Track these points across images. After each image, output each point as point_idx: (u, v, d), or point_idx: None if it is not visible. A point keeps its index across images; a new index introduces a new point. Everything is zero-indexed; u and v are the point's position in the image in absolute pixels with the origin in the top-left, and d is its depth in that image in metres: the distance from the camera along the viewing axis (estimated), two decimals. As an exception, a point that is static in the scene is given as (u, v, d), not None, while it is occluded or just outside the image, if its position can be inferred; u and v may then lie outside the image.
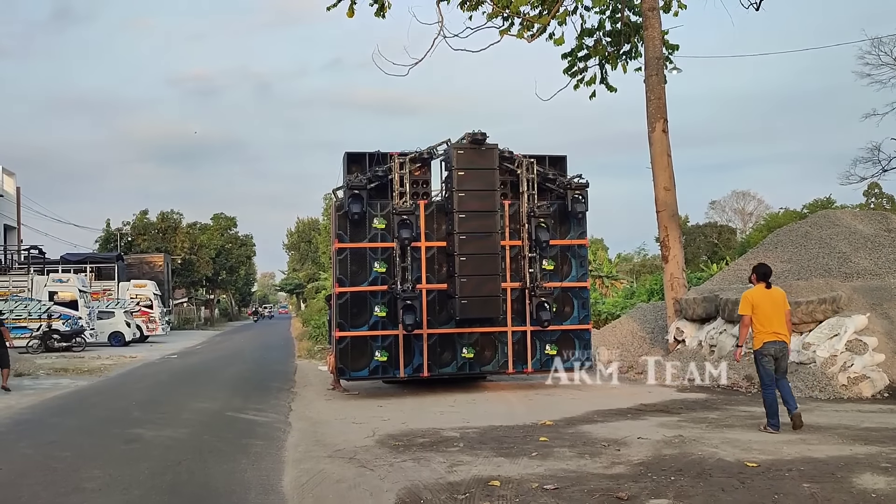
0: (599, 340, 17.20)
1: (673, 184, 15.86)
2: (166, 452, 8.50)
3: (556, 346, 13.38)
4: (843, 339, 11.87)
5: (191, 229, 64.98)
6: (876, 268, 16.09)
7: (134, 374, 19.13)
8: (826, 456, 7.16)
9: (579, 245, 13.81)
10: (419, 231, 12.87)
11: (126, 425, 10.46)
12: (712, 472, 6.64)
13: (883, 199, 50.93)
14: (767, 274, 8.95)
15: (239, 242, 74.84)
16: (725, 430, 8.79)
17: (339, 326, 12.66)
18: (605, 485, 6.33)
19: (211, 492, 6.75)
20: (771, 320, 8.73)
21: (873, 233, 18.15)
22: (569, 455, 7.57)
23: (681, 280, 15.71)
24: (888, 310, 12.87)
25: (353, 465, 7.51)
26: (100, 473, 7.47)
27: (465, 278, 12.53)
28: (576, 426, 9.36)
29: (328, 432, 9.51)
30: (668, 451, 7.65)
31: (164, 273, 52.13)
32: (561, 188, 13.55)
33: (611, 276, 39.81)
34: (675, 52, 18.01)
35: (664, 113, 15.86)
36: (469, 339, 13.02)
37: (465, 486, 6.46)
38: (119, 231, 59.73)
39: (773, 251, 18.41)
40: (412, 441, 8.60)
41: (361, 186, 12.58)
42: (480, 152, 12.83)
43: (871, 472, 6.45)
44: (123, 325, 32.89)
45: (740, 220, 65.12)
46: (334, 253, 12.98)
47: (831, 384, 11.48)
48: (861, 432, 8.37)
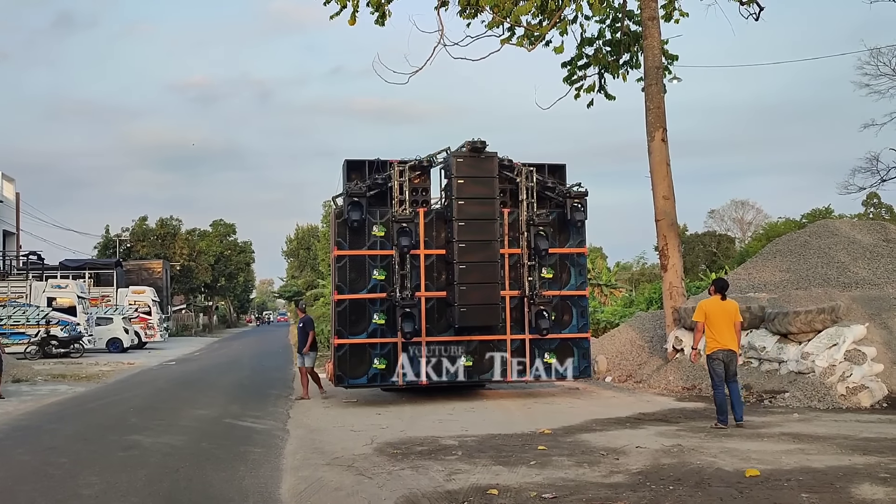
0: (598, 349, 17.20)
1: (672, 193, 15.88)
2: (164, 459, 8.48)
3: (555, 355, 13.38)
4: (842, 349, 11.86)
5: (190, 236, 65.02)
6: (875, 278, 16.10)
7: (132, 380, 19.10)
8: (825, 466, 7.14)
9: (578, 253, 13.83)
10: (418, 239, 12.88)
11: (124, 432, 10.44)
12: (711, 482, 6.63)
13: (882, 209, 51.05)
14: (724, 287, 9.95)
15: (238, 249, 74.88)
16: (724, 439, 8.78)
17: (338, 334, 12.65)
18: (603, 494, 6.32)
19: (209, 499, 6.73)
20: (721, 330, 9.66)
21: (872, 243, 18.18)
22: (567, 464, 7.56)
23: (679, 289, 15.71)
24: (887, 320, 12.87)
25: (351, 472, 7.50)
26: (97, 480, 7.45)
27: (465, 286, 12.53)
28: (574, 435, 9.34)
29: (326, 440, 9.50)
30: (666, 460, 7.64)
31: (163, 279, 52.16)
32: (560, 197, 13.57)
33: (610, 284, 39.85)
34: (675, 61, 18.10)
35: (663, 122, 15.90)
36: (468, 347, 13.01)
37: (464, 494, 6.45)
38: (118, 237, 59.76)
39: (771, 260, 18.43)
40: (410, 449, 8.59)
41: (361, 194, 12.60)
42: (480, 160, 12.85)
43: (870, 483, 6.44)
44: (122, 331, 32.88)
45: (739, 229, 65.26)
46: (333, 260, 12.98)
47: (830, 394, 11.48)
48: (860, 442, 8.36)
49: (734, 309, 9.80)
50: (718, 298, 9.80)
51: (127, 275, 48.11)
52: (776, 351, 12.64)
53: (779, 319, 12.68)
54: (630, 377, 15.63)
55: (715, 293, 9.89)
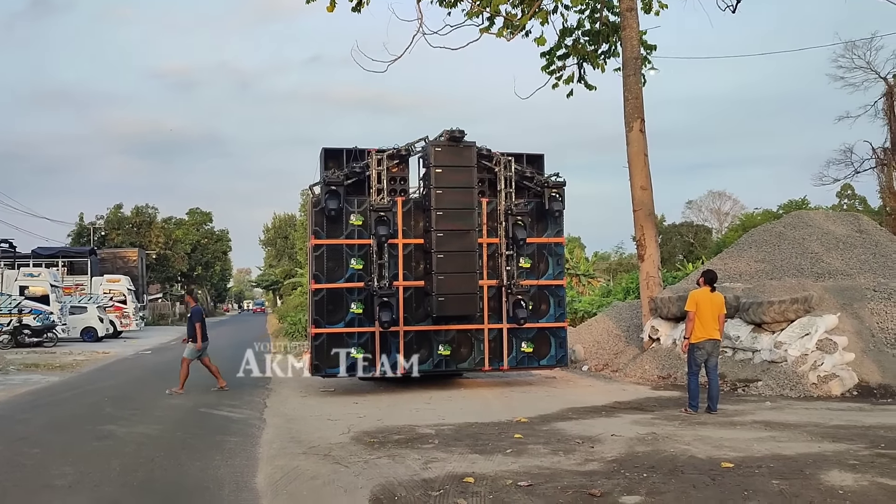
0: (575, 338, 17.31)
1: (650, 183, 15.98)
2: (139, 449, 8.42)
3: (533, 344, 13.44)
4: (814, 339, 12.05)
5: (166, 224, 64.48)
6: (847, 268, 16.34)
7: (107, 369, 18.91)
8: (795, 453, 7.26)
9: (556, 243, 13.88)
10: (396, 228, 12.85)
11: (98, 422, 10.34)
12: (684, 469, 6.71)
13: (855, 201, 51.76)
14: (713, 279, 10.21)
15: (215, 238, 74.42)
16: (698, 427, 8.89)
17: (315, 323, 12.61)
18: (578, 482, 6.37)
19: (184, 488, 6.70)
20: (708, 320, 9.97)
21: (845, 234, 18.43)
22: (543, 452, 7.61)
23: (656, 279, 15.83)
24: (858, 310, 13.07)
25: (327, 461, 7.49)
26: (70, 470, 7.38)
27: (443, 275, 12.53)
28: (550, 423, 9.41)
29: (303, 429, 9.48)
30: (641, 448, 7.72)
31: (139, 268, 51.68)
32: (538, 187, 13.60)
33: (587, 274, 40.04)
34: (653, 52, 18.18)
35: (641, 113, 15.97)
36: (446, 337, 13.04)
37: (440, 482, 6.47)
38: (92, 225, 59.05)
39: (747, 251, 18.63)
40: (387, 438, 8.60)
41: (339, 183, 12.53)
42: (458, 150, 12.83)
43: (839, 469, 6.56)
44: (96, 320, 32.53)
45: (716, 219, 65.87)
46: (311, 249, 12.92)
47: (802, 382, 11.65)
48: (830, 430, 8.50)
49: (721, 301, 10.15)
50: (708, 290, 10.06)
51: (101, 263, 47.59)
52: (750, 340, 12.81)
53: (753, 309, 12.84)
54: (606, 366, 15.75)
55: (705, 284, 10.12)
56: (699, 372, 10.09)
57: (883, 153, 36.46)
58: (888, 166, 36.20)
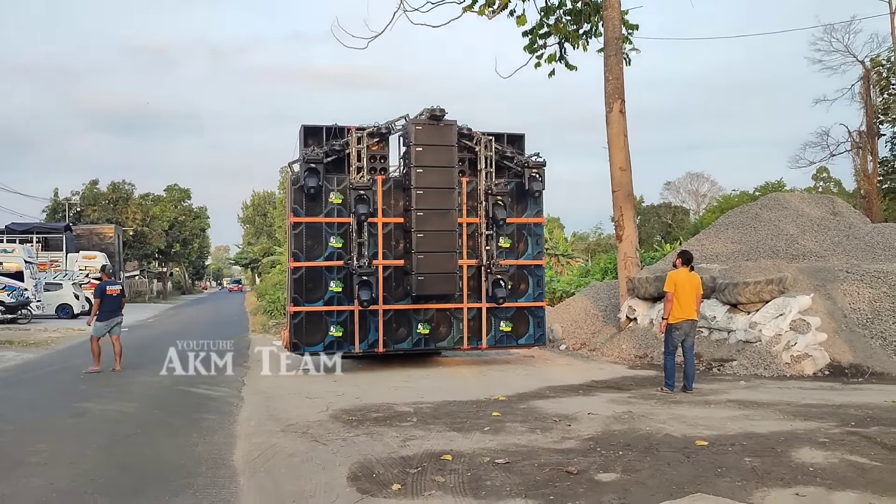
0: (554, 318, 17.42)
1: (629, 164, 16.03)
2: (115, 426, 8.38)
3: (511, 323, 13.51)
4: (788, 319, 12.22)
5: (143, 201, 63.73)
6: (821, 250, 16.56)
7: (82, 347, 18.66)
8: (768, 431, 7.39)
9: (535, 223, 13.91)
10: (376, 206, 12.80)
11: (73, 399, 10.27)
12: (659, 447, 6.80)
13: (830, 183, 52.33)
14: (690, 259, 10.37)
15: (193, 215, 73.74)
16: (673, 406, 9.01)
17: (294, 301, 12.57)
18: (555, 459, 6.44)
19: (161, 466, 6.68)
20: (687, 301, 10.08)
21: (820, 216, 18.65)
22: (520, 430, 7.68)
23: (634, 259, 15.94)
24: (831, 291, 13.27)
25: (305, 439, 7.51)
26: (46, 448, 7.33)
27: (422, 254, 12.53)
28: (528, 402, 9.48)
29: (281, 407, 9.47)
30: (617, 426, 7.81)
31: (115, 245, 51.11)
32: (519, 166, 13.59)
33: (566, 254, 40.21)
34: (635, 31, 18.14)
35: (622, 94, 15.98)
36: (425, 315, 13.06)
37: (418, 460, 6.51)
38: (67, 201, 58.22)
39: (724, 232, 18.79)
40: (366, 416, 8.62)
41: (318, 160, 12.44)
42: (439, 128, 12.77)
43: (810, 447, 6.68)
44: (72, 297, 32.20)
45: (694, 201, 66.31)
46: (289, 227, 12.84)
47: (775, 362, 11.83)
48: (802, 408, 8.65)
49: (698, 282, 10.28)
50: (687, 270, 10.19)
51: (77, 240, 47.00)
52: (726, 320, 12.96)
53: (729, 290, 12.98)
54: (584, 345, 15.88)
55: (682, 265, 10.25)
56: (676, 352, 10.22)
57: (858, 136, 36.83)
58: (863, 149, 36.59)
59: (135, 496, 5.75)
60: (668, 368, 10.20)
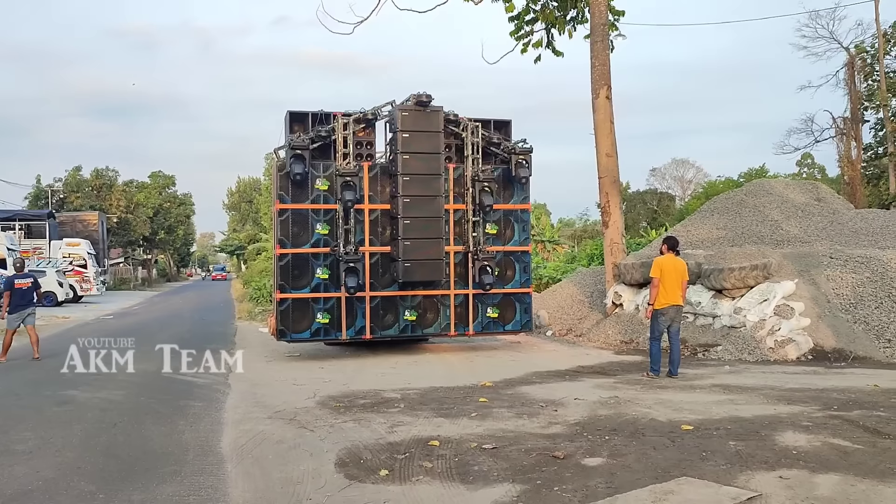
0: (540, 304, 17.48)
1: (615, 150, 16.06)
2: (101, 414, 8.33)
3: (498, 310, 13.54)
4: (772, 304, 12.33)
5: (127, 187, 63.19)
6: (805, 235, 16.70)
7: (67, 335, 18.60)
8: (752, 415, 7.46)
9: (522, 210, 13.92)
10: (363, 193, 12.76)
11: (58, 387, 10.20)
12: (645, 432, 6.86)
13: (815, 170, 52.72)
14: (675, 245, 10.40)
15: (178, 202, 73.19)
16: (659, 391, 9.08)
17: (280, 288, 12.53)
18: (542, 444, 6.48)
19: (147, 453, 6.66)
20: (672, 286, 10.13)
21: (804, 202, 18.79)
22: (507, 415, 7.72)
23: (620, 245, 16.00)
24: (815, 276, 13.38)
25: (293, 426, 7.51)
26: (31, 436, 7.29)
27: (409, 241, 12.51)
28: (515, 387, 9.53)
29: (268, 394, 9.46)
30: (603, 411, 7.86)
31: (99, 232, 50.65)
32: (505, 153, 13.57)
33: (553, 240, 40.34)
34: (621, 17, 18.11)
35: (608, 80, 15.97)
36: (412, 302, 13.06)
37: (405, 446, 6.53)
38: (50, 188, 57.63)
39: (709, 218, 18.91)
40: (353, 402, 8.63)
41: (304, 146, 12.37)
42: (425, 114, 12.73)
43: (793, 431, 6.76)
44: (56, 284, 31.89)
45: (679, 187, 66.60)
46: (275, 214, 12.78)
47: (760, 347, 11.94)
48: (785, 393, 8.74)
49: (684, 268, 10.34)
50: (672, 256, 10.25)
51: (60, 227, 46.50)
52: (711, 306, 13.06)
53: (714, 276, 13.07)
54: (570, 331, 15.96)
55: (668, 251, 10.30)
56: (661, 337, 10.27)
57: (843, 123, 37.07)
58: (847, 136, 36.84)
59: (121, 483, 5.73)
60: (654, 354, 10.27)
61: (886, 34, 35.38)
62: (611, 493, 5.14)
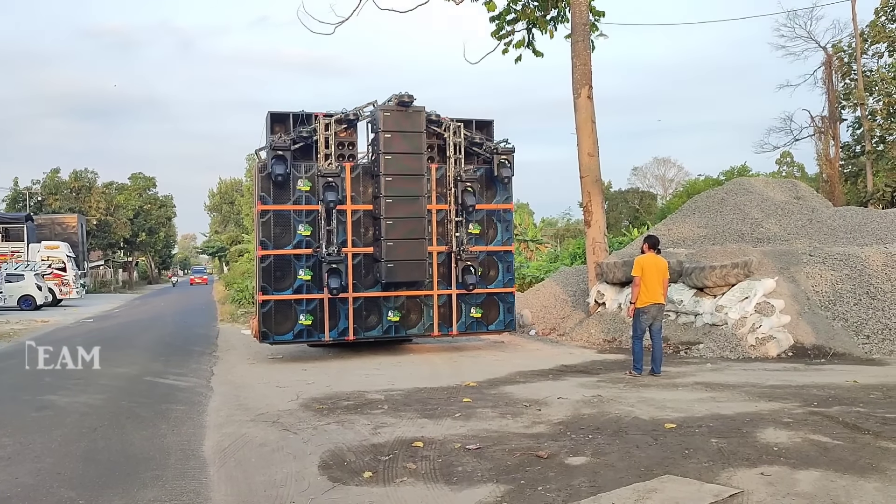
0: (523, 303, 17.51)
1: (597, 150, 16.12)
2: (81, 419, 8.24)
3: (481, 309, 13.55)
4: (753, 302, 12.43)
5: (107, 189, 62.60)
6: (785, 233, 16.86)
7: (46, 339, 18.39)
8: (734, 413, 7.52)
9: (505, 209, 13.94)
10: (345, 194, 12.72)
11: (37, 392, 10.07)
12: (628, 430, 6.89)
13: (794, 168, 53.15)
14: (656, 243, 10.47)
15: (158, 203, 72.65)
16: (641, 389, 9.12)
17: (263, 290, 12.46)
18: (525, 444, 6.49)
19: (129, 458, 6.59)
20: (654, 285, 10.19)
21: (784, 200, 18.97)
22: (491, 415, 7.72)
23: (602, 244, 16.07)
24: (794, 273, 13.51)
25: (276, 428, 7.47)
26: (9, 441, 7.20)
27: (392, 242, 12.49)
28: (498, 387, 9.53)
29: (251, 396, 9.41)
30: (586, 410, 7.89)
31: (79, 234, 50.10)
32: (488, 153, 13.59)
33: (535, 240, 40.39)
34: (602, 18, 18.20)
35: (589, 79, 16.04)
36: (395, 303, 13.04)
37: (389, 447, 6.52)
38: (28, 190, 56.97)
39: (691, 217, 19.03)
40: (336, 404, 8.60)
41: (285, 147, 12.31)
42: (407, 115, 12.71)
43: (774, 427, 6.82)
44: (34, 288, 31.56)
45: (661, 186, 66.98)
46: (257, 215, 12.71)
47: (741, 344, 12.04)
48: (766, 390, 8.81)
49: (665, 266, 10.42)
50: (653, 255, 10.29)
51: (39, 229, 45.96)
52: (692, 304, 13.14)
53: (695, 274, 13.16)
54: (553, 330, 16.00)
55: (649, 250, 10.35)
56: (644, 336, 10.33)
57: (821, 121, 37.48)
58: (825, 134, 37.25)
59: (102, 489, 5.67)
60: (636, 352, 10.32)
61: (863, 33, 35.82)
62: (594, 492, 5.15)
